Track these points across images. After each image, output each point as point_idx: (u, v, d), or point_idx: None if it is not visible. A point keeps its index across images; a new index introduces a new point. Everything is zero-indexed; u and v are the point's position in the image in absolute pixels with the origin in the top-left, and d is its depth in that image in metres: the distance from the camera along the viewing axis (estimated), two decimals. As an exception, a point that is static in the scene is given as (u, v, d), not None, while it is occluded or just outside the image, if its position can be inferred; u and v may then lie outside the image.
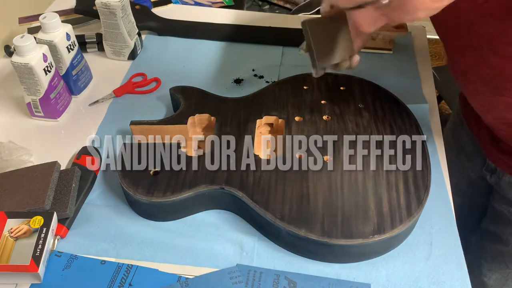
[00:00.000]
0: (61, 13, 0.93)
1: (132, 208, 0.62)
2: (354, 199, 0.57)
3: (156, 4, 0.99)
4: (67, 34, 0.73)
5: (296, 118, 0.67)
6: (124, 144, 0.64)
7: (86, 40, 0.87)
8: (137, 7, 0.92)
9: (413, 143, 0.64)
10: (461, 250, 0.58)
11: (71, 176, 0.62)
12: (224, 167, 0.60)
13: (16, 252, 0.53)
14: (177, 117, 0.68)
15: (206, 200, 0.60)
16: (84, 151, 0.67)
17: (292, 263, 0.56)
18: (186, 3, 1.35)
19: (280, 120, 0.68)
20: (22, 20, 0.94)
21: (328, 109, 0.68)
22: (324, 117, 0.67)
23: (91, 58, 0.85)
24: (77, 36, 0.80)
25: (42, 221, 0.56)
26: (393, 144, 0.64)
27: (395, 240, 0.57)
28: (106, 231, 0.60)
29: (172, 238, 0.59)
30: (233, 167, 0.60)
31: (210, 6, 1.37)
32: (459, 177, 0.77)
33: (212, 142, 0.64)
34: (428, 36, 0.93)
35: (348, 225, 0.54)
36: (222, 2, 1.43)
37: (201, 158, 0.62)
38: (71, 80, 0.77)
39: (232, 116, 0.68)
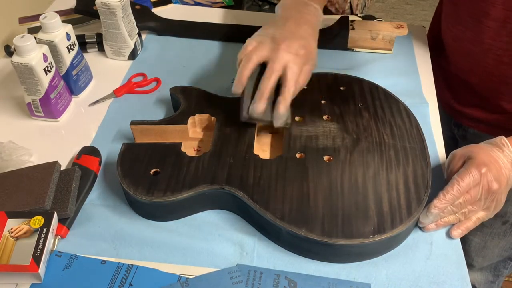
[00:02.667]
0: (61, 13, 0.93)
1: (132, 208, 0.62)
2: (354, 199, 0.57)
3: (156, 4, 0.99)
4: (67, 34, 0.74)
5: (296, 118, 0.67)
6: (124, 144, 0.64)
7: (86, 40, 0.87)
8: (137, 7, 0.92)
9: (413, 143, 0.64)
10: (461, 250, 0.58)
11: (71, 176, 0.62)
12: (224, 167, 0.60)
13: (16, 252, 0.53)
14: (177, 117, 0.68)
15: (206, 200, 0.60)
16: (84, 151, 0.67)
17: (292, 263, 0.57)
18: (186, 3, 1.35)
19: (280, 120, 0.68)
20: (22, 20, 0.94)
21: (328, 109, 0.68)
22: (324, 117, 0.67)
23: (91, 58, 0.85)
24: (77, 36, 0.80)
25: (43, 221, 0.56)
26: (393, 144, 0.64)
27: (395, 240, 0.57)
28: (106, 231, 0.60)
29: (172, 238, 0.59)
30: (233, 167, 0.60)
31: (210, 6, 1.37)
32: None
33: (212, 142, 0.64)
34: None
35: (348, 225, 0.54)
36: (222, 2, 1.43)
37: (201, 158, 0.62)
38: (71, 80, 0.77)
39: (232, 116, 0.68)
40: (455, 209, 0.58)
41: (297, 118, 0.67)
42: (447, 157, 0.69)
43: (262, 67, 0.64)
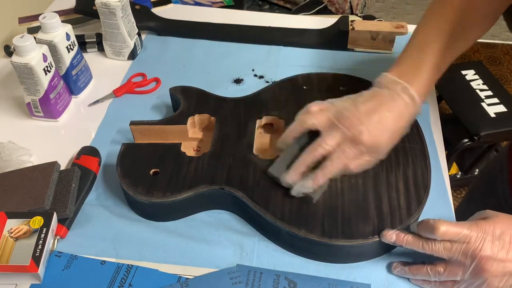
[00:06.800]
0: (61, 13, 0.93)
1: (132, 208, 0.62)
2: (354, 199, 0.57)
3: (156, 4, 0.99)
4: (67, 34, 0.73)
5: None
6: (124, 144, 0.64)
7: (86, 40, 0.87)
8: (137, 7, 0.92)
9: (413, 143, 0.64)
10: (461, 250, 0.58)
11: (71, 176, 0.62)
12: (224, 168, 0.60)
13: (16, 252, 0.53)
14: (177, 117, 0.68)
15: (206, 200, 0.60)
16: (84, 151, 0.67)
17: (292, 263, 0.56)
18: (186, 3, 1.35)
19: (280, 120, 0.68)
20: (22, 20, 0.94)
21: (328, 109, 0.68)
22: (324, 117, 0.67)
23: (91, 58, 0.85)
24: (77, 36, 0.80)
25: (42, 221, 0.56)
26: (393, 144, 0.64)
27: (395, 240, 0.57)
28: (106, 231, 0.59)
29: (172, 238, 0.59)
30: (233, 167, 0.60)
31: (210, 6, 1.37)
32: None
33: (212, 142, 0.64)
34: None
35: (348, 226, 0.54)
36: (222, 2, 1.43)
37: (201, 158, 0.62)
38: (71, 80, 0.77)
39: (232, 116, 0.68)
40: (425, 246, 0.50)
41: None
42: (447, 158, 0.69)
43: (316, 134, 0.57)
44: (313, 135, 0.57)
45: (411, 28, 0.90)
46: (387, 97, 0.57)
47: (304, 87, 0.72)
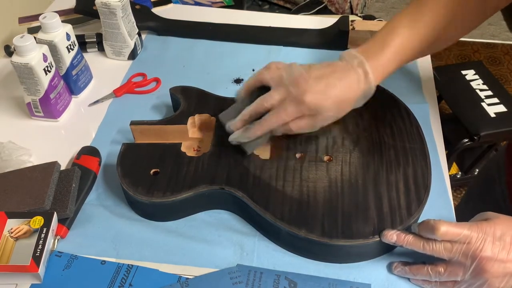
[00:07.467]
0: (61, 13, 0.93)
1: (132, 208, 0.62)
2: (354, 199, 0.57)
3: (156, 4, 0.99)
4: (67, 34, 0.73)
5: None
6: (124, 144, 0.64)
7: (86, 40, 0.87)
8: (137, 7, 0.92)
9: (413, 143, 0.64)
10: (461, 250, 0.58)
11: (71, 176, 0.62)
12: (224, 167, 0.60)
13: (16, 252, 0.53)
14: (177, 117, 0.68)
15: (206, 200, 0.60)
16: (84, 151, 0.67)
17: (292, 263, 0.56)
18: (186, 3, 1.35)
19: (280, 120, 0.68)
20: (22, 20, 0.94)
21: (328, 109, 0.68)
22: (324, 117, 0.67)
23: (91, 58, 0.85)
24: (77, 36, 0.80)
25: (42, 221, 0.56)
26: (393, 144, 0.64)
27: (395, 240, 0.57)
28: (106, 231, 0.60)
29: (172, 238, 0.59)
30: (233, 167, 0.60)
31: (210, 6, 1.37)
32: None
33: (212, 142, 0.64)
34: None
35: (348, 225, 0.54)
36: (222, 2, 1.43)
37: (200, 158, 0.62)
38: (71, 80, 0.77)
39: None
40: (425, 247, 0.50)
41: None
42: (447, 158, 0.69)
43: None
44: (266, 91, 0.59)
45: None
46: (341, 67, 0.58)
47: None
